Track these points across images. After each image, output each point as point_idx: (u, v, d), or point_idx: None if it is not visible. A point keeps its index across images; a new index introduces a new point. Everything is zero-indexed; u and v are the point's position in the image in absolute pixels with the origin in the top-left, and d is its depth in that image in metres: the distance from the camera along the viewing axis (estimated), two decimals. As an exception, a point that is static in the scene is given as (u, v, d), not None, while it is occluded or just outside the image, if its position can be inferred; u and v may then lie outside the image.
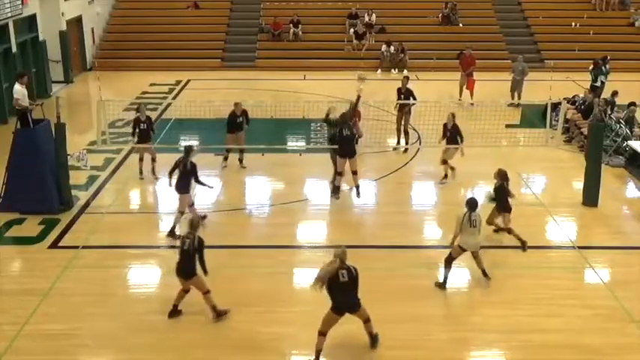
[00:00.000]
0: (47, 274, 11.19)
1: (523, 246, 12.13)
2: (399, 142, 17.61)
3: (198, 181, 12.58)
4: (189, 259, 9.69)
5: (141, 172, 15.42)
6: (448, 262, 10.95)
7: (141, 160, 15.48)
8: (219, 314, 9.96)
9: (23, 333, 9.62)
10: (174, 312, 10.05)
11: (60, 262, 11.59)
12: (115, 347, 9.44)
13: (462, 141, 14.99)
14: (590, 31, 29.03)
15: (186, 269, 9.77)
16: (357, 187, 13.83)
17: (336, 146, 13.94)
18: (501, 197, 12.11)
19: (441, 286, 10.96)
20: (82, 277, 11.21)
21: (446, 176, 15.29)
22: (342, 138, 13.60)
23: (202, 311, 10.13)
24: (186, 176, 12.40)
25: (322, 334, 8.99)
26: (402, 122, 17.33)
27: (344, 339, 9.36)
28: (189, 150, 12.61)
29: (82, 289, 10.85)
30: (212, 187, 13.27)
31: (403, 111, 17.20)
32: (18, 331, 9.64)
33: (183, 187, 12.48)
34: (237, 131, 15.90)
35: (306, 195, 14.79)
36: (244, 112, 16.04)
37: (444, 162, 15.21)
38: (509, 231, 12.17)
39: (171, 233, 12.55)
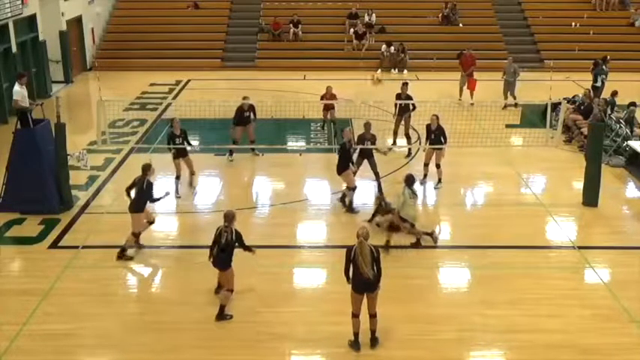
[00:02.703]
0: (47, 274, 11.19)
1: (432, 237, 12.30)
2: (394, 144, 17.60)
3: (152, 201, 11.85)
4: (226, 252, 9.81)
5: (177, 192, 14.32)
6: (396, 229, 11.84)
7: (177, 178, 14.48)
8: (223, 316, 9.96)
9: (23, 333, 9.62)
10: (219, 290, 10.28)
11: (60, 262, 11.59)
12: (115, 347, 9.44)
13: (445, 142, 14.87)
14: (590, 31, 29.03)
15: (223, 261, 9.90)
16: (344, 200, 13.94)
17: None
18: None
19: (387, 246, 11.83)
20: (82, 277, 11.21)
21: (440, 180, 15.19)
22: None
23: (202, 311, 10.18)
24: (142, 196, 11.72)
25: (354, 315, 9.19)
26: (402, 126, 17.31)
27: (344, 339, 9.36)
28: (146, 169, 11.74)
29: (82, 289, 10.85)
30: (168, 194, 12.18)
31: (403, 116, 17.17)
32: (18, 331, 9.64)
33: (138, 207, 11.78)
34: (244, 125, 16.09)
35: (306, 195, 14.78)
36: (252, 107, 16.22)
37: (437, 166, 15.06)
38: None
39: (122, 253, 11.79)
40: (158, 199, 11.90)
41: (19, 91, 13.90)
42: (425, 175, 15.20)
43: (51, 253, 12.07)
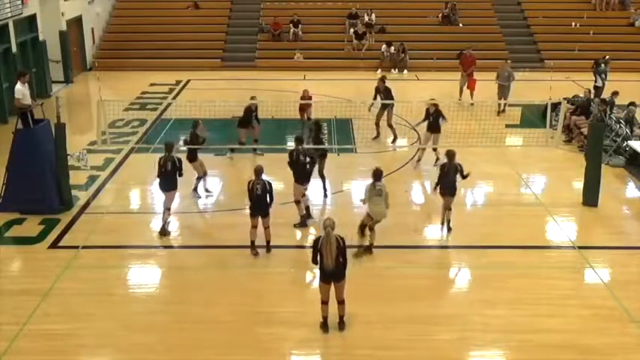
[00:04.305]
0: (47, 274, 11.18)
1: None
2: (378, 135, 18.09)
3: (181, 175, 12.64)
4: (264, 200, 11.48)
5: (207, 190, 14.62)
6: (361, 229, 11.87)
7: (199, 179, 14.47)
8: (269, 248, 11.79)
9: (23, 333, 9.62)
10: (254, 247, 11.72)
11: (60, 262, 11.59)
12: (115, 347, 9.44)
13: (444, 120, 15.93)
14: (590, 31, 29.03)
15: (263, 209, 11.60)
16: (307, 207, 13.58)
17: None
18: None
19: (368, 249, 11.83)
20: (82, 277, 11.21)
21: (438, 159, 15.72)
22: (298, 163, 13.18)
23: (202, 311, 10.19)
24: (172, 172, 12.46)
25: (323, 302, 9.55)
26: (385, 118, 17.79)
27: (344, 339, 9.36)
28: (170, 146, 12.58)
29: (82, 289, 10.86)
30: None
31: (386, 108, 17.72)
32: (18, 331, 9.64)
33: (166, 185, 12.58)
34: (249, 125, 16.37)
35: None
36: (257, 108, 16.64)
37: (434, 150, 15.85)
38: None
39: (163, 232, 12.63)
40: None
41: (20, 90, 13.86)
42: (419, 159, 15.80)
43: (51, 253, 12.07)
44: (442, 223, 12.84)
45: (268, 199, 11.64)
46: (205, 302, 10.45)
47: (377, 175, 11.60)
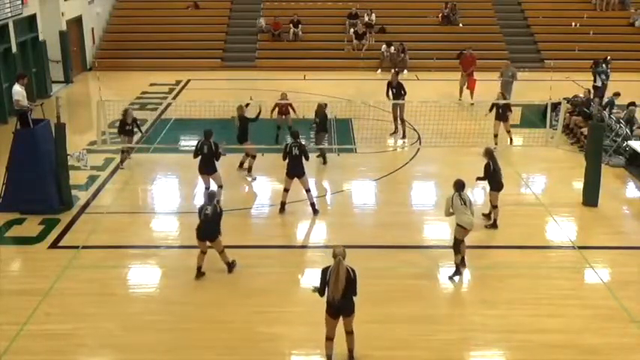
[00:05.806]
0: (47, 274, 11.18)
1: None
2: (396, 129, 18.36)
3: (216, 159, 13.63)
4: (213, 224, 10.89)
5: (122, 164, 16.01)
6: (457, 247, 11.19)
7: (127, 152, 16.19)
8: (231, 268, 11.23)
9: (23, 333, 9.62)
10: (200, 274, 11.10)
11: (60, 262, 11.59)
12: (115, 347, 9.44)
13: (511, 112, 17.41)
14: (590, 31, 29.03)
15: (210, 232, 10.97)
16: (313, 204, 13.60)
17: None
18: None
19: (457, 273, 11.24)
20: (82, 277, 11.21)
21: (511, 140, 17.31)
22: (291, 157, 13.35)
23: (202, 311, 10.19)
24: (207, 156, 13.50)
25: (328, 338, 8.87)
26: (398, 112, 18.07)
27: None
28: (208, 134, 13.56)
29: (82, 289, 10.85)
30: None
31: (398, 104, 18.03)
32: (18, 331, 9.64)
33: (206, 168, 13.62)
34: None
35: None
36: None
37: (508, 132, 17.40)
38: None
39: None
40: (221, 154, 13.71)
41: (20, 91, 13.89)
42: (496, 144, 16.37)
43: (51, 253, 12.07)
44: (495, 225, 13.08)
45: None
46: (205, 302, 10.45)
47: (461, 185, 11.19)
